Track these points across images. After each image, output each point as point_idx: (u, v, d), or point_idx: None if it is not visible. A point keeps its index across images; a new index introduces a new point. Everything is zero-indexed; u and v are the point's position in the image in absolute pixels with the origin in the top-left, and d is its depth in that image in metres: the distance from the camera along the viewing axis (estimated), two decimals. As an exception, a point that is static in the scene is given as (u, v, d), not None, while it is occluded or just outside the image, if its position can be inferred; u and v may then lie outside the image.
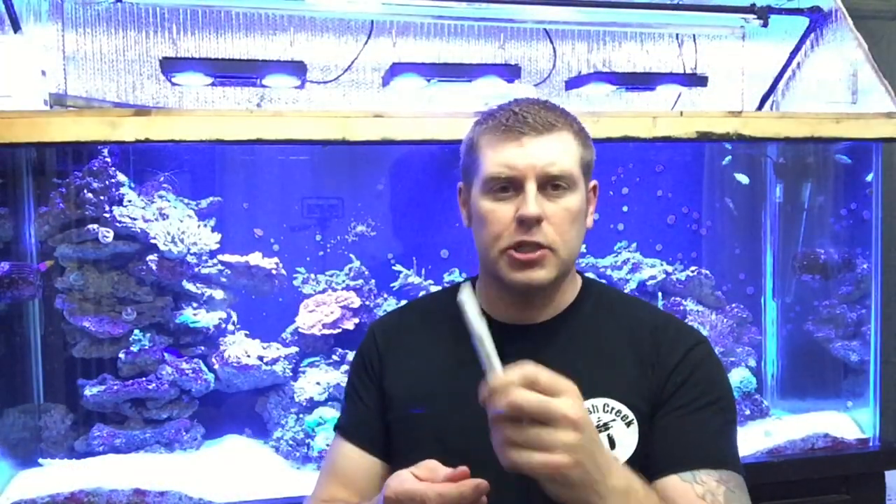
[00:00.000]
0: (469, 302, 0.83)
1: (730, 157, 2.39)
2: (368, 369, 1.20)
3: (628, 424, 1.06)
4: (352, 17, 2.22)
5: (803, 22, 2.28)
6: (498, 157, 1.05)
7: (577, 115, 1.14)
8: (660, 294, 2.33)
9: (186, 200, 2.05)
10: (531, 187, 1.03)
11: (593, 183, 1.15)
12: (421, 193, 2.29)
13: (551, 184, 1.05)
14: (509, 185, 1.05)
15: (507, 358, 0.84)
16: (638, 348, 1.10)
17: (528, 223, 1.03)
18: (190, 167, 2.09)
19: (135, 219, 1.89)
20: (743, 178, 2.36)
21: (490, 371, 0.80)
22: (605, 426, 1.05)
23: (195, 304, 2.01)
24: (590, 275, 1.32)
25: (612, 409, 1.06)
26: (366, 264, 2.20)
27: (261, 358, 2.01)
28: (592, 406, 1.05)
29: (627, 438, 1.06)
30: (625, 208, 2.40)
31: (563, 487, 0.79)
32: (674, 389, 1.07)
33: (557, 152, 1.05)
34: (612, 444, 1.05)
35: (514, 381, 0.77)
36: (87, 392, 1.89)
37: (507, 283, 1.07)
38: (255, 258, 2.06)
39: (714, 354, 1.13)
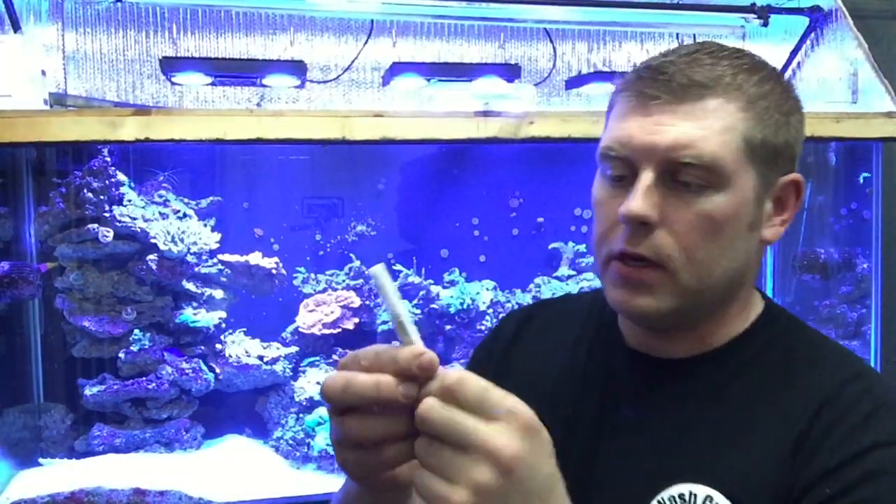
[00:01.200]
0: (384, 275, 0.59)
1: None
2: (493, 358, 0.96)
3: None
4: (352, 16, 2.22)
5: (803, 22, 2.28)
6: (616, 127, 0.76)
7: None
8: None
9: (186, 200, 2.05)
10: (646, 176, 0.73)
11: (791, 177, 0.78)
12: (421, 193, 2.29)
13: (683, 174, 0.73)
14: (625, 170, 0.75)
15: (623, 389, 0.79)
16: (793, 424, 0.73)
17: (630, 224, 0.73)
18: (190, 167, 2.09)
19: (135, 218, 1.89)
20: None
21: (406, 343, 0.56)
22: None
23: (195, 304, 2.01)
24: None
25: None
26: (366, 264, 2.20)
27: (261, 357, 2.01)
28: (679, 496, 0.74)
29: None
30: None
31: None
32: (824, 499, 0.68)
33: (698, 129, 0.72)
34: None
35: (430, 388, 0.53)
36: (87, 392, 1.89)
37: (611, 305, 0.79)
38: (255, 258, 2.06)
39: None
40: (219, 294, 2.04)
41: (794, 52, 2.33)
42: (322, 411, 1.98)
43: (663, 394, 0.80)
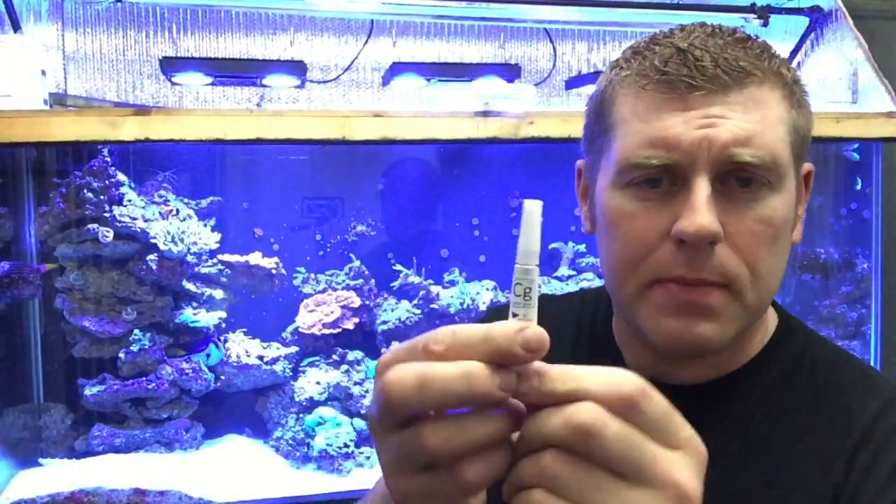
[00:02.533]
0: (537, 216, 0.46)
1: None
2: None
3: None
4: (352, 16, 2.22)
5: (803, 22, 2.28)
6: (647, 129, 0.63)
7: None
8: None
9: (186, 200, 2.05)
10: (702, 183, 0.61)
11: (807, 168, 0.70)
12: (421, 193, 2.29)
13: (738, 176, 0.62)
14: (662, 177, 0.63)
15: None
16: (826, 465, 0.65)
17: (693, 245, 0.61)
18: (190, 167, 2.09)
19: (135, 218, 1.89)
20: None
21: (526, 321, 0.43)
22: None
23: (195, 304, 2.01)
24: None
25: None
26: (366, 264, 2.20)
27: (261, 357, 2.01)
28: None
29: None
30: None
31: None
32: None
33: (754, 121, 0.61)
34: None
35: (588, 388, 0.39)
36: (87, 392, 1.89)
37: (652, 337, 0.66)
38: (255, 258, 2.06)
39: None
40: (219, 294, 2.04)
41: (794, 53, 2.33)
42: (322, 411, 1.98)
43: None
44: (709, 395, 0.70)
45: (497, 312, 0.94)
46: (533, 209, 0.46)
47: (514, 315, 0.43)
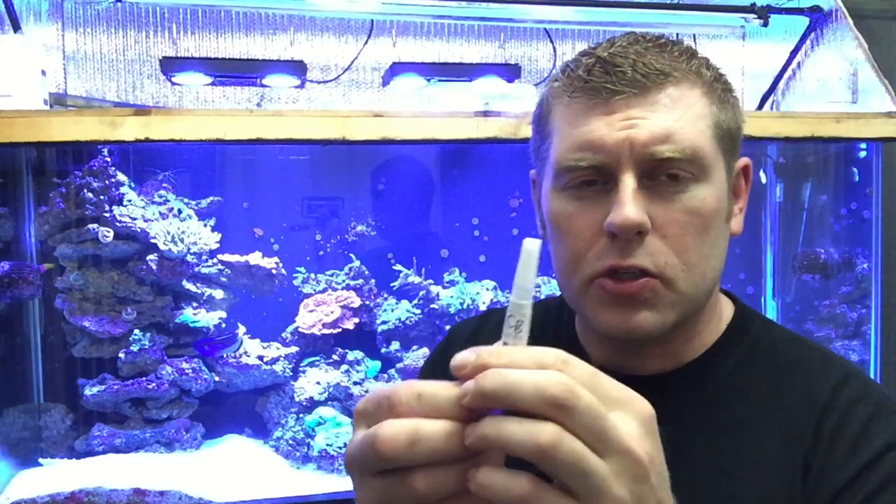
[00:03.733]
0: (536, 255, 0.48)
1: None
2: (437, 374, 0.85)
3: None
4: (352, 16, 2.22)
5: (803, 22, 2.28)
6: (575, 133, 0.67)
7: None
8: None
9: (186, 200, 2.05)
10: (629, 179, 0.65)
11: (742, 162, 0.74)
12: (421, 193, 2.29)
13: (664, 172, 0.66)
14: (595, 177, 0.67)
15: None
16: (794, 438, 0.68)
17: (622, 236, 0.65)
18: (190, 167, 2.09)
19: (135, 218, 1.89)
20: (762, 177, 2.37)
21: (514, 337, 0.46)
22: None
23: (195, 304, 2.01)
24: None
25: None
26: (366, 264, 2.20)
27: (261, 357, 2.01)
28: None
29: None
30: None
31: None
32: None
33: (672, 119, 0.66)
34: None
35: (549, 363, 0.41)
36: (87, 392, 1.89)
37: (598, 329, 0.71)
38: (255, 258, 2.06)
39: None
40: (219, 294, 2.04)
41: (794, 52, 2.33)
42: (322, 411, 1.98)
43: None
44: (671, 385, 0.73)
45: (485, 318, 0.96)
46: (531, 248, 0.48)
47: (505, 343, 0.45)
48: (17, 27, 1.85)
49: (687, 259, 0.67)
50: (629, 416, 0.42)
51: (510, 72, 2.08)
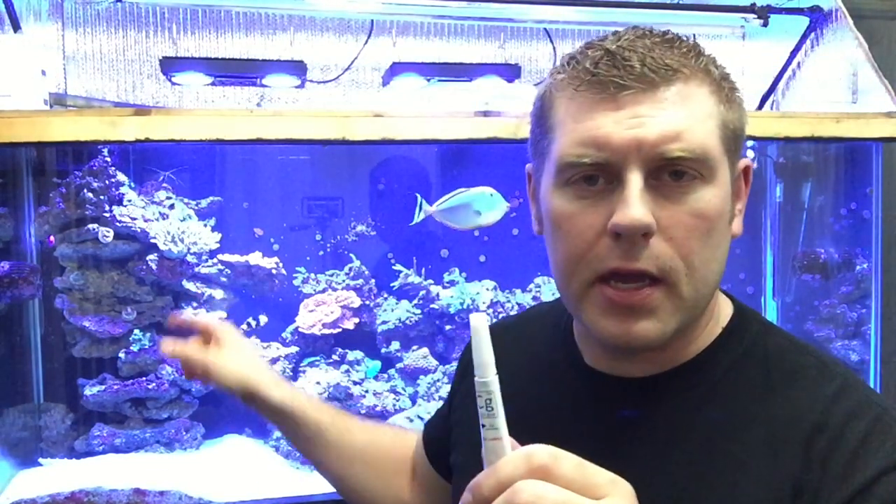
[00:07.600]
0: (483, 329, 0.51)
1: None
2: (459, 374, 0.96)
3: None
4: (352, 16, 2.22)
5: (803, 22, 2.28)
6: (580, 129, 0.65)
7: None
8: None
9: (186, 200, 2.05)
10: (634, 179, 0.63)
11: (743, 163, 0.72)
12: (421, 193, 2.29)
13: (671, 171, 0.64)
14: (598, 175, 0.65)
15: (583, 416, 0.72)
16: (781, 453, 0.65)
17: (628, 237, 0.63)
18: (190, 167, 2.09)
19: (135, 218, 1.89)
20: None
21: (491, 444, 0.50)
22: None
23: (195, 304, 2.01)
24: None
25: None
26: (366, 264, 2.20)
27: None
28: None
29: None
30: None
31: None
32: None
33: (682, 117, 0.63)
34: None
35: (521, 468, 0.48)
36: (87, 392, 1.89)
37: (596, 336, 0.69)
38: (255, 258, 2.06)
39: None
40: (219, 294, 2.04)
41: (794, 52, 2.33)
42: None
43: (624, 421, 0.70)
44: (661, 388, 0.71)
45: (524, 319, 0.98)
46: (477, 325, 0.49)
47: (484, 426, 0.48)
48: (17, 27, 1.85)
49: (691, 262, 0.64)
50: (615, 500, 0.48)
51: (510, 72, 2.08)
